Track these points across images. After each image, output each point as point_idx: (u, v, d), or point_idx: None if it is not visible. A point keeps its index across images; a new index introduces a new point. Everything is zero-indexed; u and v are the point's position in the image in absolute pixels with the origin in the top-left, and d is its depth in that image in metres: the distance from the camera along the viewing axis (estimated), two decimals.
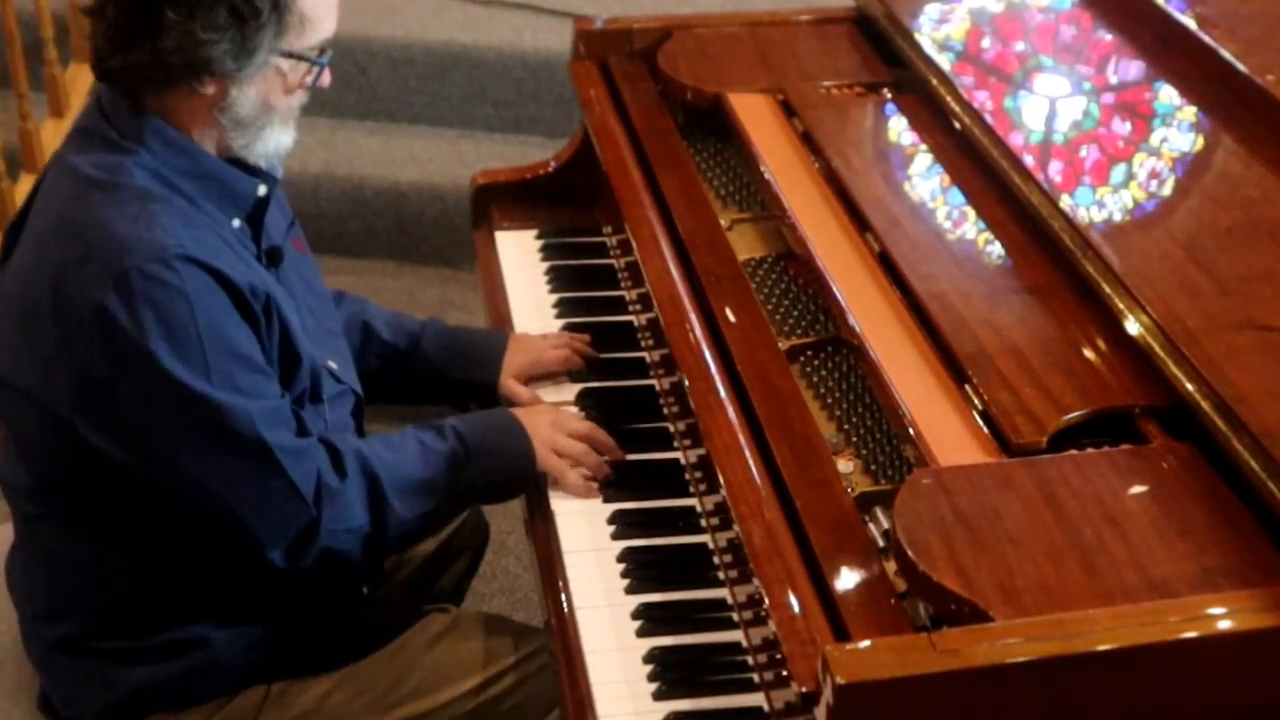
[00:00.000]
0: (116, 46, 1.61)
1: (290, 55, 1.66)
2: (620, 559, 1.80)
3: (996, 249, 1.90)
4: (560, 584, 1.78)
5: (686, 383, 1.85)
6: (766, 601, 1.54)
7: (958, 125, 2.10)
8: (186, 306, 1.57)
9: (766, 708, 1.60)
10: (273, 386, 1.68)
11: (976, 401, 1.66)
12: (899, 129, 2.18)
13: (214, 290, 1.60)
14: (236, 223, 1.71)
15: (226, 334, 1.61)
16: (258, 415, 1.62)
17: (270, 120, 1.69)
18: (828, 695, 1.32)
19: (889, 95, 2.28)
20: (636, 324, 2.19)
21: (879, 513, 1.63)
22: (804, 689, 1.43)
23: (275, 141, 1.72)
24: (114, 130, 1.65)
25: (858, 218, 1.97)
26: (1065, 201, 1.86)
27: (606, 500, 1.88)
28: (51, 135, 3.53)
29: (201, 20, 1.58)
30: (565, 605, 1.75)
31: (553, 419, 1.92)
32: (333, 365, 1.84)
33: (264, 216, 1.76)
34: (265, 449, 1.63)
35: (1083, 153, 1.99)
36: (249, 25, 1.60)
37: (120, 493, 1.67)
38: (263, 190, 1.73)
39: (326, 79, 1.74)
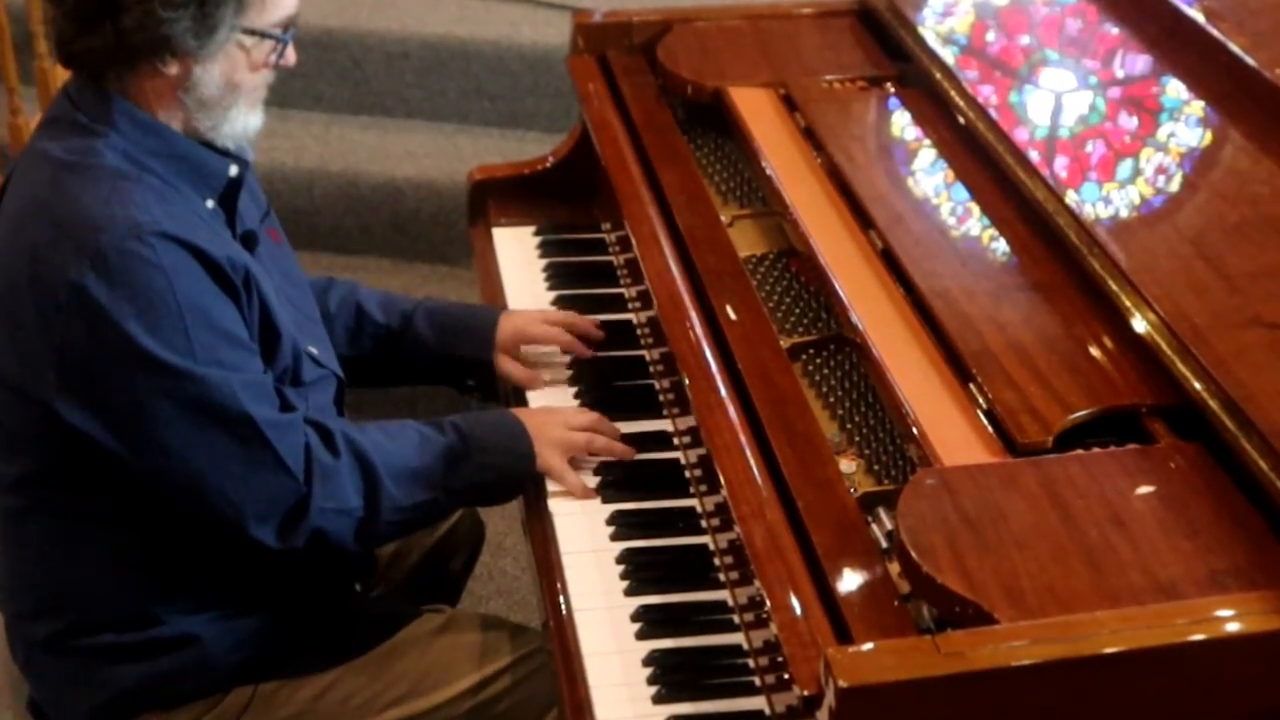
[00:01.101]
0: (78, 29, 1.63)
1: (252, 32, 1.67)
2: (619, 560, 1.80)
3: (1001, 246, 1.90)
4: (558, 585, 1.78)
5: (687, 381, 1.85)
6: (768, 603, 1.54)
7: (962, 120, 2.10)
8: (165, 281, 1.58)
9: (768, 711, 1.60)
10: (255, 361, 1.69)
11: (981, 400, 1.66)
12: (902, 124, 2.18)
13: (191, 265, 1.61)
14: (210, 204, 1.73)
15: (207, 308, 1.62)
16: (240, 388, 1.63)
17: (236, 100, 1.71)
18: (830, 699, 1.32)
19: (892, 89, 2.28)
20: (636, 322, 2.19)
21: (882, 513, 1.63)
22: (806, 692, 1.42)
23: (243, 123, 1.73)
24: (82, 115, 1.67)
25: (860, 214, 1.97)
26: (1071, 197, 1.86)
27: (606, 501, 1.88)
28: None
29: None
30: (564, 607, 1.75)
31: (556, 418, 1.92)
32: (313, 350, 1.85)
33: (237, 200, 1.77)
34: (250, 421, 1.64)
35: (1089, 148, 1.99)
36: (209, 2, 1.61)
37: (106, 480, 1.67)
38: (234, 170, 1.74)
39: (291, 57, 1.75)
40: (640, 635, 1.71)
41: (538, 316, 2.12)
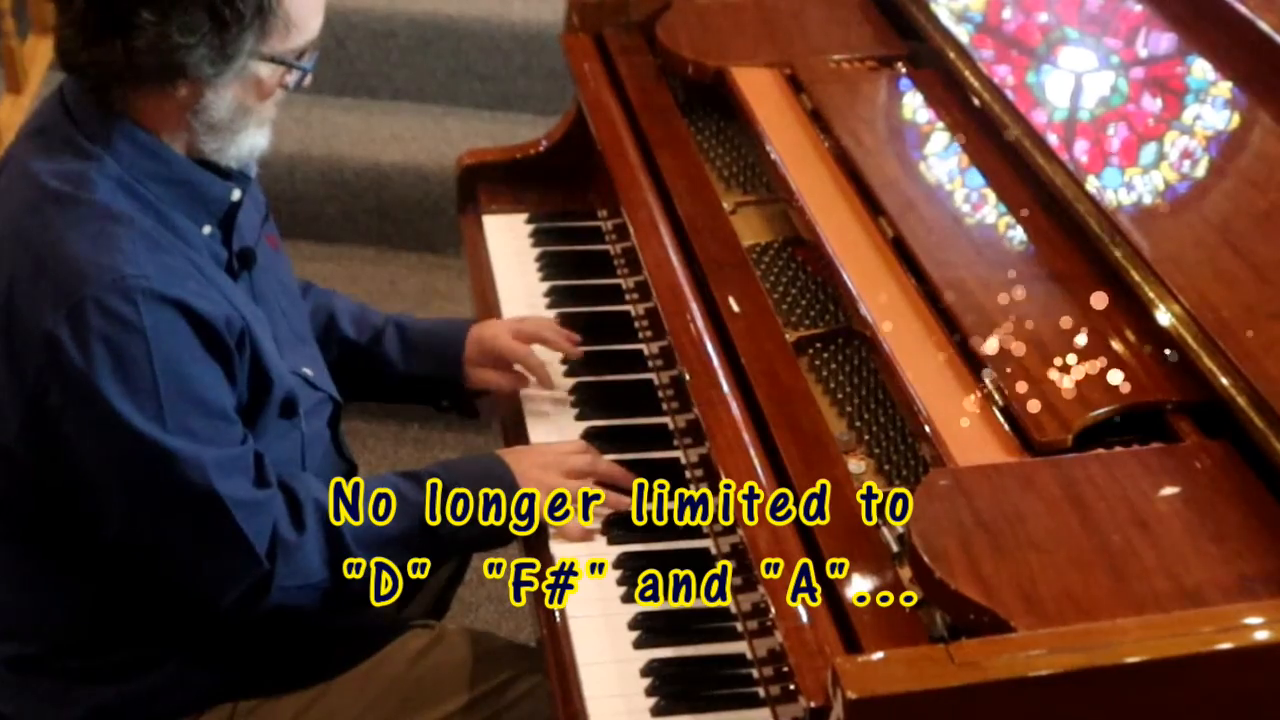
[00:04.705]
0: (85, 41, 1.59)
1: (272, 59, 1.65)
2: (616, 565, 1.80)
3: (1018, 234, 1.90)
4: None
5: (687, 377, 1.85)
6: (772, 610, 1.54)
7: (977, 102, 2.10)
8: (143, 345, 1.56)
9: None
10: (233, 432, 1.66)
11: (997, 397, 1.66)
12: (914, 106, 2.18)
13: (176, 327, 1.58)
14: (207, 229, 1.70)
15: (185, 375, 1.60)
16: (210, 464, 1.61)
17: (246, 124, 1.68)
18: (838, 711, 1.32)
19: (903, 69, 2.28)
20: (634, 314, 2.19)
21: None
22: (813, 704, 1.43)
23: (250, 145, 1.71)
24: (79, 132, 1.64)
25: (870, 200, 1.97)
26: (1092, 183, 1.86)
27: (603, 504, 1.88)
28: (9, 113, 3.53)
29: (178, 22, 1.56)
30: (558, 615, 1.75)
31: (545, 460, 1.88)
32: (308, 372, 1.84)
33: (236, 219, 1.75)
34: (216, 500, 1.62)
35: (1110, 131, 1.99)
36: (230, 30, 1.58)
37: (74, 516, 1.66)
38: (236, 195, 1.73)
39: (308, 78, 1.73)
40: (638, 644, 1.71)
41: (509, 329, 2.09)
